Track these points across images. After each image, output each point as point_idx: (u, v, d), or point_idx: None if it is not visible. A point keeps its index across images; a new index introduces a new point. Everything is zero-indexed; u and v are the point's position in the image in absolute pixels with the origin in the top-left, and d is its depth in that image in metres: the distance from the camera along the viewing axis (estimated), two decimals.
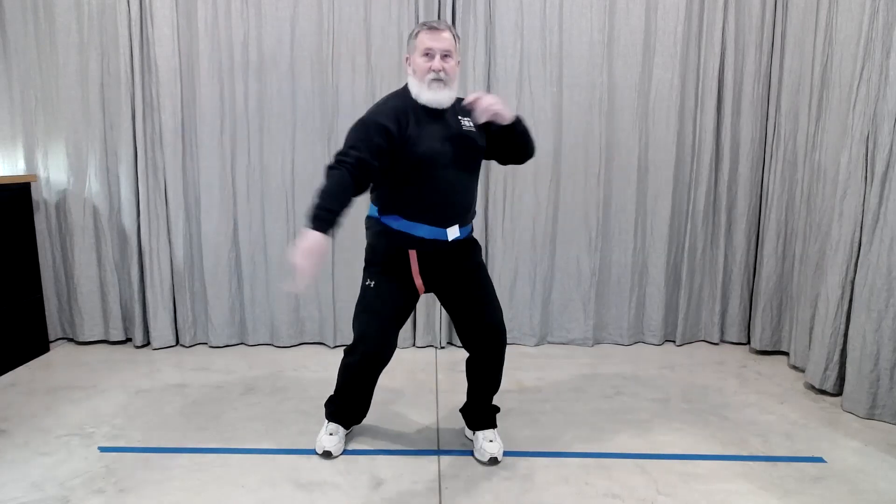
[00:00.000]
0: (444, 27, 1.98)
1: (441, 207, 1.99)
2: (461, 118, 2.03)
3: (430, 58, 1.95)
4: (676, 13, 3.17)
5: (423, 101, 1.96)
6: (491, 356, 2.15)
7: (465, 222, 2.07)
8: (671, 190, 3.30)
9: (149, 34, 3.09)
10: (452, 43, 1.98)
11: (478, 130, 2.05)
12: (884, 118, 2.42)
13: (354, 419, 2.30)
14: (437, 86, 1.95)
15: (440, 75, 1.94)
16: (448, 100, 1.98)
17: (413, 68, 1.99)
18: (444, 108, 1.99)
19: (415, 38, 2.00)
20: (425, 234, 2.00)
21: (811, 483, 2.02)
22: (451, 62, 1.97)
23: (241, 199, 3.25)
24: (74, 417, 2.48)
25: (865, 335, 2.49)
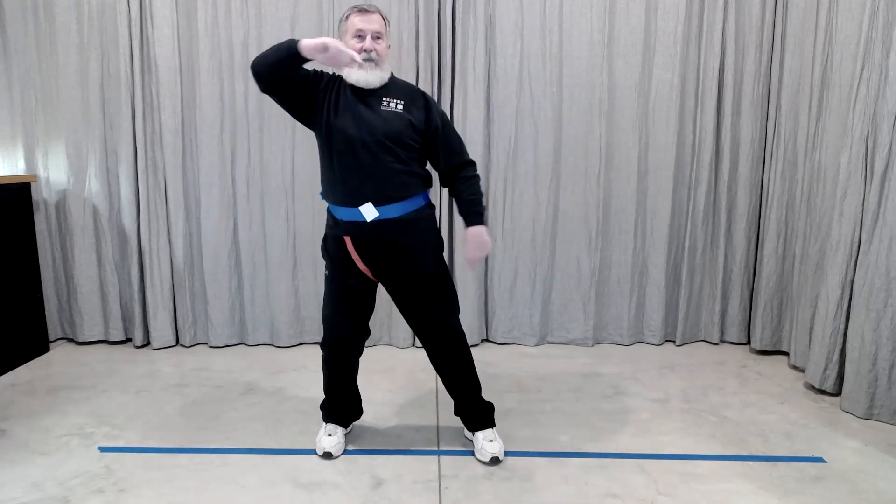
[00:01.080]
0: (374, 10, 2.03)
1: (350, 186, 1.99)
2: (386, 99, 2.02)
3: (361, 39, 1.99)
4: (676, 13, 3.17)
5: (353, 80, 1.99)
6: (446, 359, 2.17)
7: (381, 202, 1.98)
8: (671, 190, 3.30)
9: (149, 34, 3.09)
10: (383, 25, 2.03)
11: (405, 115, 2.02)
12: (883, 118, 2.42)
13: (350, 416, 2.31)
14: (369, 65, 1.98)
15: (371, 55, 1.97)
16: (378, 80, 2.01)
17: None
18: (372, 90, 2.01)
19: (345, 20, 2.04)
20: (343, 216, 2.02)
21: (811, 483, 2.02)
22: (383, 44, 2.02)
23: (241, 199, 3.25)
24: (74, 417, 2.48)
25: (864, 335, 2.49)
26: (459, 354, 2.17)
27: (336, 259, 2.10)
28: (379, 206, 1.99)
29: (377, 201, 1.99)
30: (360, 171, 1.97)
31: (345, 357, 2.20)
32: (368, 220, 1.99)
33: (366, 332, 2.22)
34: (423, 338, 2.17)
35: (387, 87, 2.05)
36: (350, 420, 2.32)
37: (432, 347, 2.17)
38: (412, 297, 2.11)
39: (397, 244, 2.04)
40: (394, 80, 2.09)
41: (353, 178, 1.98)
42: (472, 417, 2.24)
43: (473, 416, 2.23)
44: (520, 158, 3.25)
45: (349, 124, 1.98)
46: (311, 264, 3.31)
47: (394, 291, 2.13)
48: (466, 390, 2.22)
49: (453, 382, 2.22)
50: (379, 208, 1.99)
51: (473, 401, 2.23)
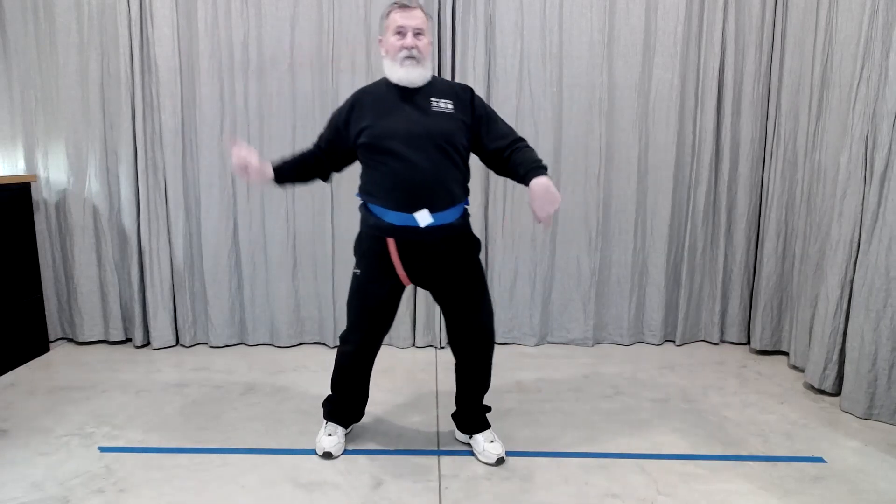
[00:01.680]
0: (416, 5, 1.97)
1: (405, 191, 1.91)
2: (434, 99, 1.97)
3: (402, 35, 1.93)
4: (676, 13, 3.17)
5: (395, 79, 1.95)
6: (476, 359, 2.15)
7: (436, 207, 1.93)
8: (671, 190, 3.30)
9: (149, 34, 3.09)
10: (424, 21, 1.96)
11: (456, 114, 1.97)
12: (883, 118, 2.42)
13: (352, 417, 2.30)
14: (410, 63, 1.93)
15: (413, 52, 1.92)
16: (421, 79, 1.96)
17: (386, 48, 1.98)
18: (416, 88, 1.97)
19: (386, 17, 1.99)
20: (394, 221, 1.94)
21: (811, 483, 2.02)
22: (424, 40, 1.95)
23: (241, 199, 3.25)
24: (74, 417, 2.48)
25: (864, 335, 2.49)
26: (489, 356, 2.17)
27: (371, 260, 2.04)
28: (435, 212, 1.93)
29: (433, 208, 1.93)
30: (417, 175, 1.90)
31: (365, 358, 2.18)
32: (422, 227, 1.93)
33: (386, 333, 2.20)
34: (462, 339, 2.13)
35: (431, 85, 1.99)
36: (351, 421, 2.32)
37: (469, 348, 2.13)
38: (459, 300, 2.08)
39: (445, 249, 2.01)
40: (436, 78, 2.05)
41: (408, 182, 1.91)
42: (472, 420, 2.24)
43: (474, 419, 2.23)
44: None
45: (401, 126, 1.91)
46: (311, 264, 3.31)
47: (438, 294, 2.11)
48: (481, 392, 2.23)
49: (473, 384, 2.20)
50: (434, 215, 1.93)
51: (478, 403, 2.24)
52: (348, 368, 2.20)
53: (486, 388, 2.24)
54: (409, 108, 1.95)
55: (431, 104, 1.96)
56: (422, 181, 1.91)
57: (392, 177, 1.93)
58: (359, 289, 2.08)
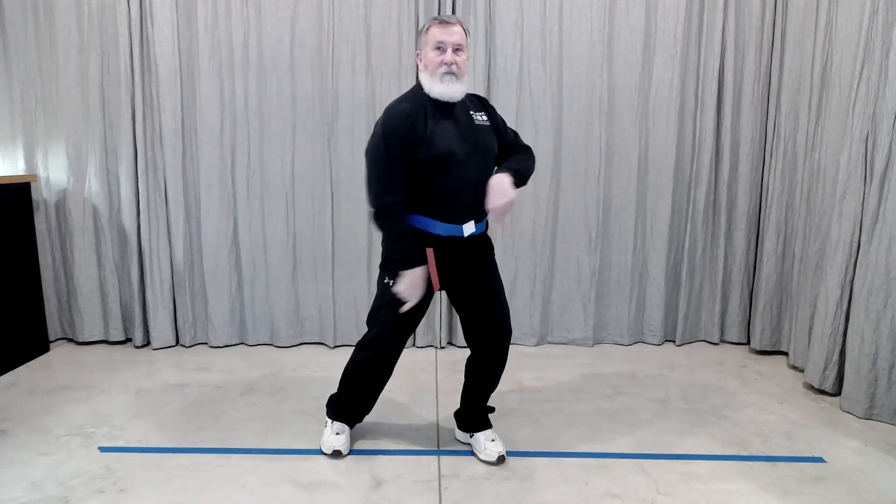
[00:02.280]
0: (455, 21, 1.97)
1: (456, 204, 1.96)
2: (472, 112, 2.03)
3: (441, 51, 1.93)
4: (676, 13, 3.17)
5: (435, 94, 1.95)
6: (494, 356, 2.15)
7: (480, 217, 2.04)
8: (671, 190, 3.30)
9: (149, 34, 3.09)
10: (463, 37, 1.97)
11: (490, 126, 2.06)
12: (883, 118, 2.42)
13: (359, 417, 2.30)
14: (449, 79, 1.93)
15: (452, 69, 1.93)
16: (459, 94, 1.97)
17: (424, 63, 1.98)
18: (454, 103, 1.99)
19: (426, 32, 1.99)
20: (441, 232, 1.98)
21: (811, 483, 2.02)
22: (463, 56, 1.96)
23: (241, 199, 3.25)
24: (74, 417, 2.48)
25: (864, 335, 2.49)
26: (506, 352, 2.18)
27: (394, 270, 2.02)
28: (478, 222, 2.02)
29: (478, 217, 2.02)
30: (469, 189, 1.96)
31: (387, 365, 2.18)
32: (465, 236, 2.00)
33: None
34: (485, 339, 2.13)
35: (464, 99, 2.03)
36: (357, 420, 2.31)
37: (491, 348, 2.14)
38: (481, 298, 2.10)
39: (476, 254, 2.07)
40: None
41: (462, 196, 1.96)
42: (475, 418, 2.23)
43: (478, 416, 2.24)
44: None
45: (454, 142, 1.94)
46: (311, 264, 3.31)
47: (461, 294, 2.13)
48: (489, 390, 2.23)
49: (484, 380, 2.20)
50: (477, 224, 2.01)
51: (485, 401, 2.25)
52: (367, 374, 2.18)
53: (495, 387, 2.24)
54: (455, 122, 1.98)
55: (473, 119, 2.02)
56: (473, 194, 1.97)
57: (445, 191, 1.96)
58: (392, 299, 2.02)
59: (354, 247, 3.29)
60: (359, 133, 3.19)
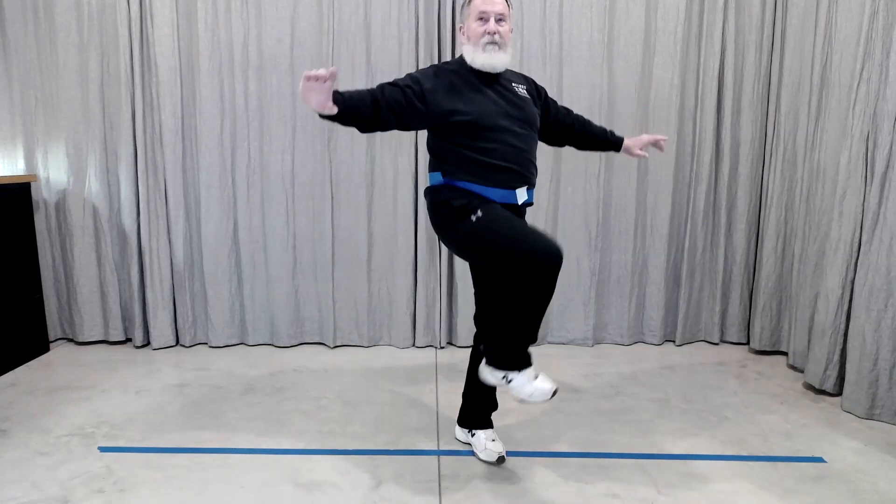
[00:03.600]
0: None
1: (507, 170, 1.95)
2: (514, 84, 2.04)
3: (484, 21, 1.94)
4: (676, 13, 3.17)
5: (478, 64, 1.94)
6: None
7: (532, 184, 2.04)
8: (671, 190, 3.30)
9: (149, 34, 3.09)
10: (506, 7, 1.98)
11: (532, 98, 2.07)
12: (883, 118, 2.42)
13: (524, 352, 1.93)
14: (492, 48, 1.93)
15: (495, 38, 1.93)
16: (502, 64, 1.97)
17: (467, 34, 1.99)
18: (497, 74, 1.99)
19: (468, 4, 2.00)
20: (497, 198, 1.94)
21: (811, 483, 2.02)
22: (506, 26, 1.97)
23: (241, 199, 3.25)
24: (74, 417, 2.48)
25: (865, 335, 2.49)
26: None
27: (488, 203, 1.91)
28: (529, 189, 2.02)
29: (530, 185, 2.02)
30: (521, 155, 1.96)
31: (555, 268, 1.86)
32: (520, 203, 1.99)
33: None
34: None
35: (507, 71, 2.04)
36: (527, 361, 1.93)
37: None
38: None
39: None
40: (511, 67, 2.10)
41: (513, 161, 1.95)
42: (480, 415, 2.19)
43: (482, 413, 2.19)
44: None
45: (489, 109, 1.93)
46: (311, 264, 3.31)
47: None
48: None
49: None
50: (528, 192, 2.02)
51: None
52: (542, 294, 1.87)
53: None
54: (497, 92, 1.98)
55: (516, 89, 2.03)
56: (525, 161, 1.98)
57: (498, 156, 1.93)
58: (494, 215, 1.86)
59: (354, 247, 3.29)
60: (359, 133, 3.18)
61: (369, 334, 3.37)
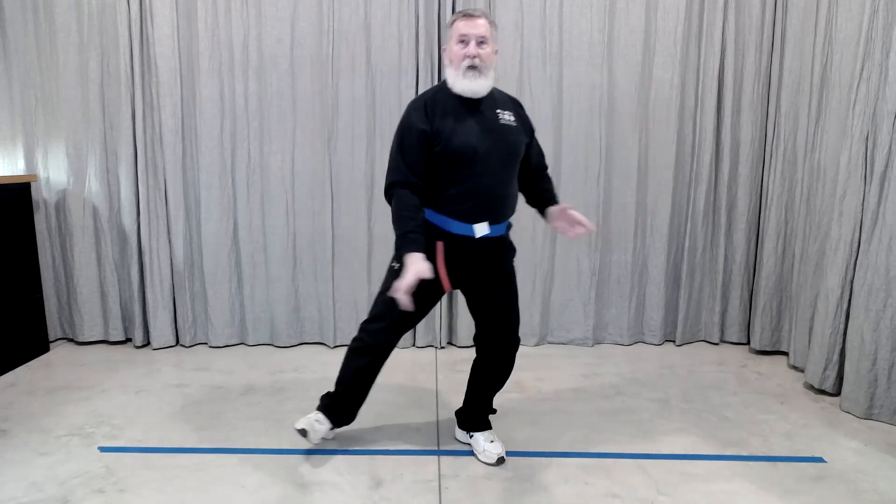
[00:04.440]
0: (480, 14, 1.95)
1: (471, 204, 1.92)
2: (499, 111, 1.99)
3: (465, 44, 1.92)
4: (676, 13, 3.17)
5: (458, 90, 1.93)
6: (500, 363, 2.14)
7: (496, 220, 1.98)
8: (671, 190, 3.30)
9: (149, 34, 3.09)
10: (488, 29, 1.94)
11: (519, 126, 2.02)
12: (883, 118, 2.42)
13: (344, 418, 2.23)
14: (472, 74, 1.91)
15: (475, 62, 1.90)
16: (484, 89, 1.95)
17: (450, 57, 1.96)
18: (481, 99, 1.96)
19: (451, 26, 1.98)
20: (455, 230, 1.94)
21: (811, 483, 2.02)
22: (487, 49, 1.93)
23: (241, 199, 3.25)
24: (74, 417, 2.48)
25: (864, 335, 2.49)
26: (513, 359, 2.15)
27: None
28: (492, 225, 1.96)
29: (493, 221, 1.96)
30: (487, 191, 1.92)
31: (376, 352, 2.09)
32: (476, 237, 1.95)
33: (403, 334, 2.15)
34: (493, 346, 2.11)
35: (492, 96, 2.00)
36: (342, 423, 2.24)
37: (498, 354, 2.11)
38: (493, 303, 2.07)
39: (490, 259, 2.03)
40: (494, 89, 2.03)
41: (478, 197, 1.92)
42: (479, 418, 2.23)
43: (479, 417, 2.23)
44: None
45: (475, 139, 1.90)
46: (311, 264, 3.31)
47: (473, 296, 2.10)
48: (493, 391, 2.22)
49: (489, 386, 2.20)
50: (491, 227, 1.96)
51: (488, 402, 2.23)
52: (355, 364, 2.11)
53: (499, 390, 2.23)
54: (478, 119, 1.94)
55: (499, 117, 1.98)
56: (491, 197, 1.95)
57: (465, 188, 1.92)
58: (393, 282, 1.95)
59: (354, 247, 3.29)
60: (359, 133, 3.19)
61: None
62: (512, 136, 1.99)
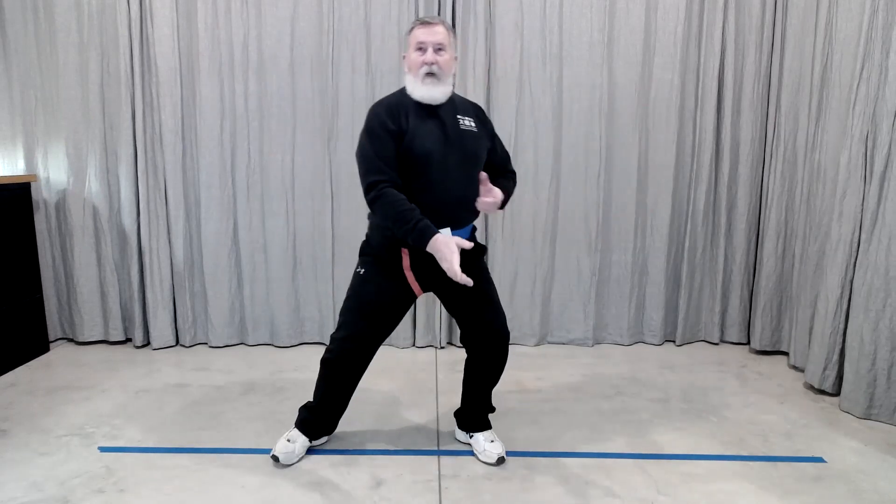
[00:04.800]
0: (438, 21, 1.96)
1: (432, 208, 1.90)
2: (460, 117, 2.00)
3: (422, 52, 1.93)
4: (676, 13, 3.17)
5: (417, 97, 1.94)
6: (493, 360, 2.14)
7: (458, 225, 1.98)
8: (671, 190, 3.30)
9: (149, 34, 3.09)
10: (446, 36, 1.95)
11: (479, 132, 2.03)
12: (883, 118, 2.43)
13: (324, 429, 2.22)
14: (431, 81, 1.92)
15: (433, 69, 1.91)
16: (443, 95, 1.96)
17: (408, 65, 1.98)
18: (440, 105, 1.97)
19: (409, 34, 1.99)
20: None
21: (811, 483, 2.02)
22: (446, 56, 1.94)
23: (241, 199, 3.25)
24: (74, 417, 2.48)
25: (863, 335, 2.49)
26: (505, 356, 2.15)
27: (380, 266, 2.02)
28: (455, 230, 1.95)
29: (455, 225, 1.96)
30: (447, 196, 1.93)
31: (356, 363, 2.08)
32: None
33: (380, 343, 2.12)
34: (481, 343, 2.11)
35: (452, 102, 2.01)
36: (322, 434, 2.23)
37: (488, 351, 2.11)
38: (470, 306, 2.07)
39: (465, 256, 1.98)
40: (455, 95, 2.05)
41: (438, 202, 1.92)
42: (475, 418, 2.23)
43: (477, 416, 2.23)
44: (520, 158, 3.24)
45: (434, 145, 1.91)
46: (311, 264, 3.31)
47: (450, 302, 2.11)
48: (488, 389, 2.22)
49: (483, 381, 2.18)
50: (454, 231, 1.94)
51: (484, 401, 2.23)
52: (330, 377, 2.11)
53: (494, 386, 2.24)
54: (438, 125, 1.95)
55: (459, 122, 1.98)
56: (451, 203, 1.95)
57: (423, 194, 1.91)
58: (363, 291, 2.03)
59: (354, 247, 3.23)
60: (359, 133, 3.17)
61: None
62: (471, 141, 1.99)
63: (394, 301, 2.04)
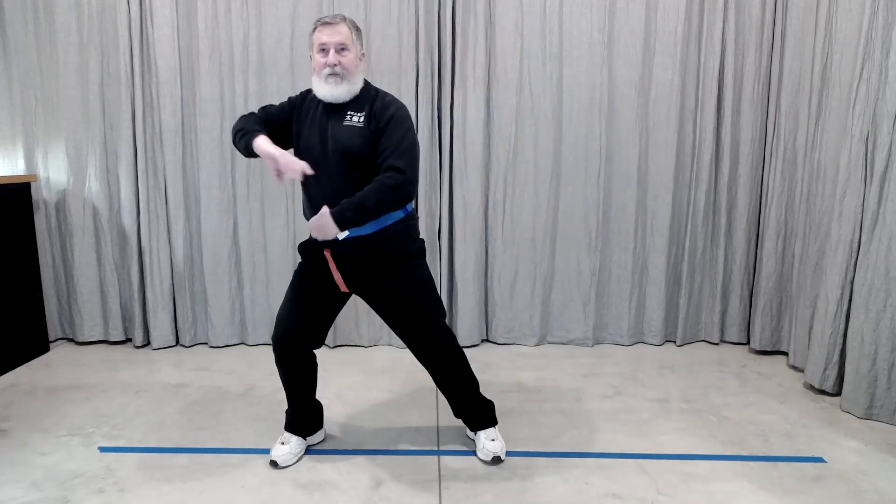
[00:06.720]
0: (340, 20, 1.96)
1: (315, 204, 1.94)
2: (350, 112, 1.96)
3: (325, 53, 1.94)
4: (676, 13, 3.17)
5: (320, 96, 1.97)
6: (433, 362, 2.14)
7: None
8: (671, 190, 3.30)
9: (149, 34, 3.09)
10: (349, 35, 1.95)
11: (363, 127, 1.94)
12: (883, 118, 2.42)
13: (304, 426, 2.21)
14: (334, 80, 1.94)
15: (336, 69, 1.93)
16: (346, 94, 1.96)
17: (313, 66, 1.99)
18: (344, 103, 1.98)
19: (311, 35, 1.99)
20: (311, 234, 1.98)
21: (811, 483, 2.02)
22: (349, 55, 1.95)
23: (241, 199, 3.25)
24: (74, 417, 2.48)
25: (864, 335, 2.49)
26: (447, 357, 2.13)
27: (311, 265, 2.08)
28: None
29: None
30: (325, 189, 1.94)
31: (284, 355, 2.10)
32: (340, 240, 1.93)
33: (318, 339, 2.14)
34: (410, 345, 2.12)
35: (356, 99, 1.99)
36: (308, 432, 2.23)
37: (420, 353, 2.13)
38: (393, 309, 2.07)
39: (374, 260, 2.01)
40: (366, 91, 2.01)
41: (319, 196, 1.94)
42: (472, 417, 2.23)
43: (474, 415, 2.23)
44: (520, 159, 3.25)
45: (314, 141, 1.97)
46: None
47: (374, 304, 2.10)
48: (462, 391, 2.20)
49: (447, 385, 2.19)
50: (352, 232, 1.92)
51: (472, 400, 2.22)
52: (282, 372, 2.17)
53: (472, 385, 2.20)
54: (326, 123, 1.99)
55: (345, 118, 1.97)
56: (328, 195, 1.92)
57: (308, 195, 2.02)
58: (291, 285, 2.13)
59: None
60: None
61: (369, 334, 3.38)
62: (348, 136, 1.93)
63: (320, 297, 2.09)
